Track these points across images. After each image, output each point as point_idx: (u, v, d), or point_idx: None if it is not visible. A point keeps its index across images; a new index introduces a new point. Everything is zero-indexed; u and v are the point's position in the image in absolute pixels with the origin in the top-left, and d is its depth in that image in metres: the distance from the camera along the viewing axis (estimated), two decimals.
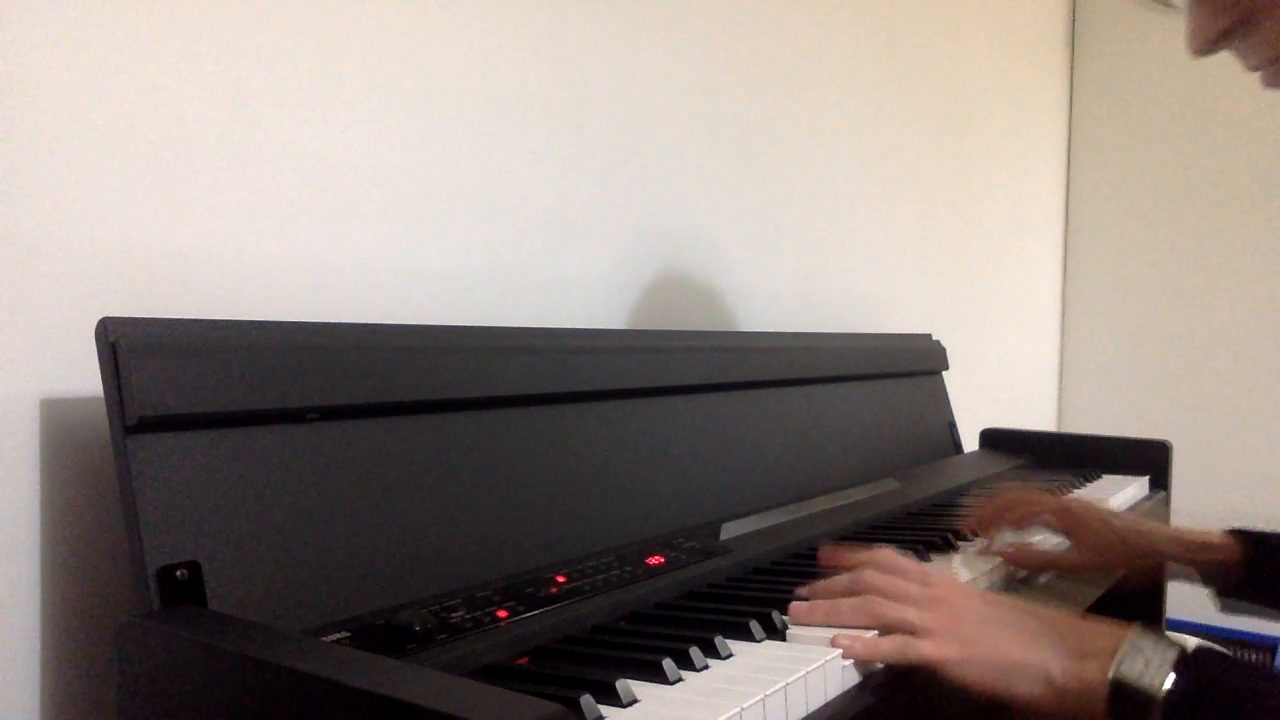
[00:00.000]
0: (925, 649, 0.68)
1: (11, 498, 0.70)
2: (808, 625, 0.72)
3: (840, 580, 0.77)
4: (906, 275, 1.92)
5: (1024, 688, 0.67)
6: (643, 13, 1.25)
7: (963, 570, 0.91)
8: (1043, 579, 0.99)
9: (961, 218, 2.14)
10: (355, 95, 0.92)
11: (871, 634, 0.69)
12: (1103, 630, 0.67)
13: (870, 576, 0.75)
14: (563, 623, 0.71)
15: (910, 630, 0.70)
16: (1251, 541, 0.97)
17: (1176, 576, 1.03)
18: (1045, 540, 1.04)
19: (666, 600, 0.80)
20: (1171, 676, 0.63)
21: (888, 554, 0.80)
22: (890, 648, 0.68)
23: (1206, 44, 0.68)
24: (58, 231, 0.72)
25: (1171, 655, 0.64)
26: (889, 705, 0.67)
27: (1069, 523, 1.02)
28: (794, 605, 0.74)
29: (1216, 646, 0.66)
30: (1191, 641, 0.67)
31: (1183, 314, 2.55)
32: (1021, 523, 1.04)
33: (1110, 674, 0.64)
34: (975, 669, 0.68)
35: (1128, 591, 1.02)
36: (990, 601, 0.73)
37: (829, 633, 0.70)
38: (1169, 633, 0.67)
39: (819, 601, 0.74)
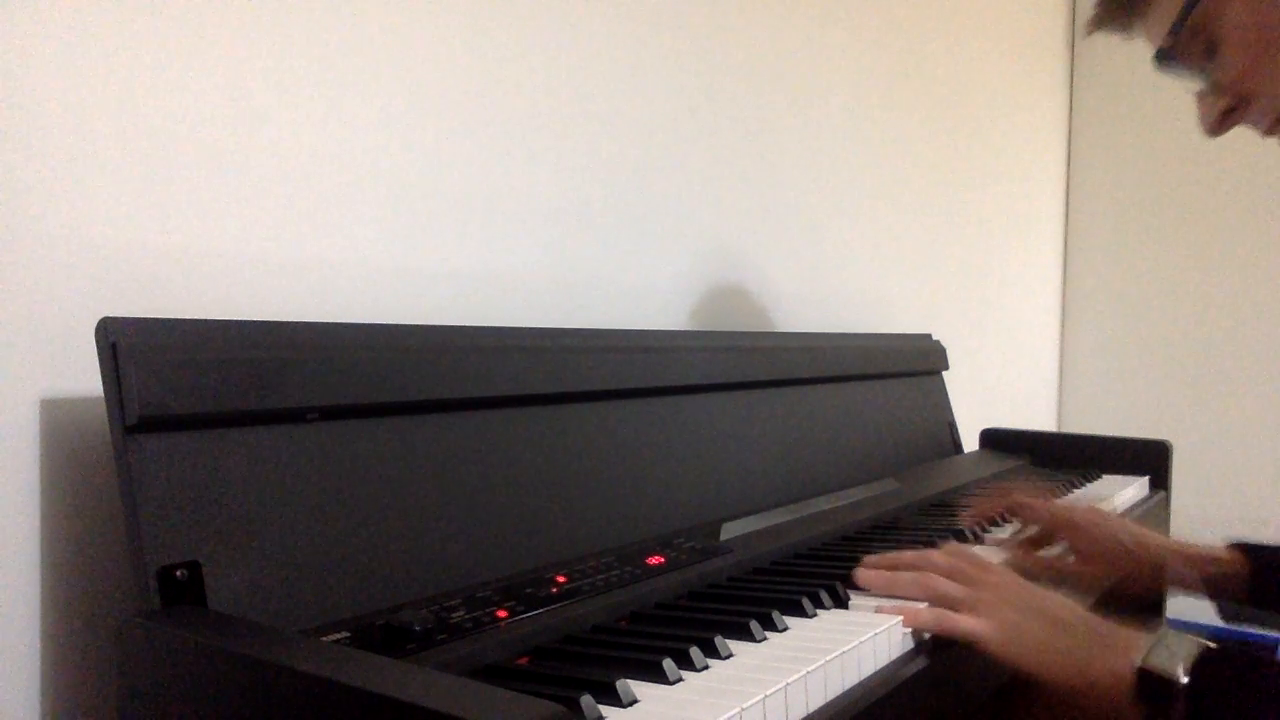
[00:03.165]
0: (965, 623, 0.75)
1: (11, 498, 0.70)
2: (866, 590, 0.80)
3: (906, 555, 0.84)
4: (906, 275, 1.92)
5: (1054, 671, 0.72)
6: (646, 17, 1.25)
7: None
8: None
9: (961, 218, 2.14)
10: (355, 95, 0.92)
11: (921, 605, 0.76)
12: (1135, 631, 0.72)
13: (932, 554, 0.83)
14: (563, 623, 0.71)
15: (956, 606, 0.76)
16: (1255, 554, 0.98)
17: (1177, 590, 1.04)
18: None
19: (666, 600, 0.80)
20: (1194, 664, 0.67)
21: (952, 544, 0.88)
22: (931, 617, 0.75)
23: (1214, 127, 0.82)
24: (58, 231, 0.72)
25: (1195, 649, 0.69)
26: (889, 706, 0.67)
27: (1071, 534, 1.02)
28: (858, 572, 0.82)
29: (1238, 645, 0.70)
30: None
31: (1183, 314, 2.55)
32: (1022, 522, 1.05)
33: (1138, 663, 0.69)
34: (1012, 648, 0.73)
35: (1128, 595, 1.03)
36: (1037, 593, 0.78)
37: (828, 632, 0.70)
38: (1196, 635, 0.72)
39: (881, 571, 0.82)
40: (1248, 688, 0.66)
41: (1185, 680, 0.66)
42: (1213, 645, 0.69)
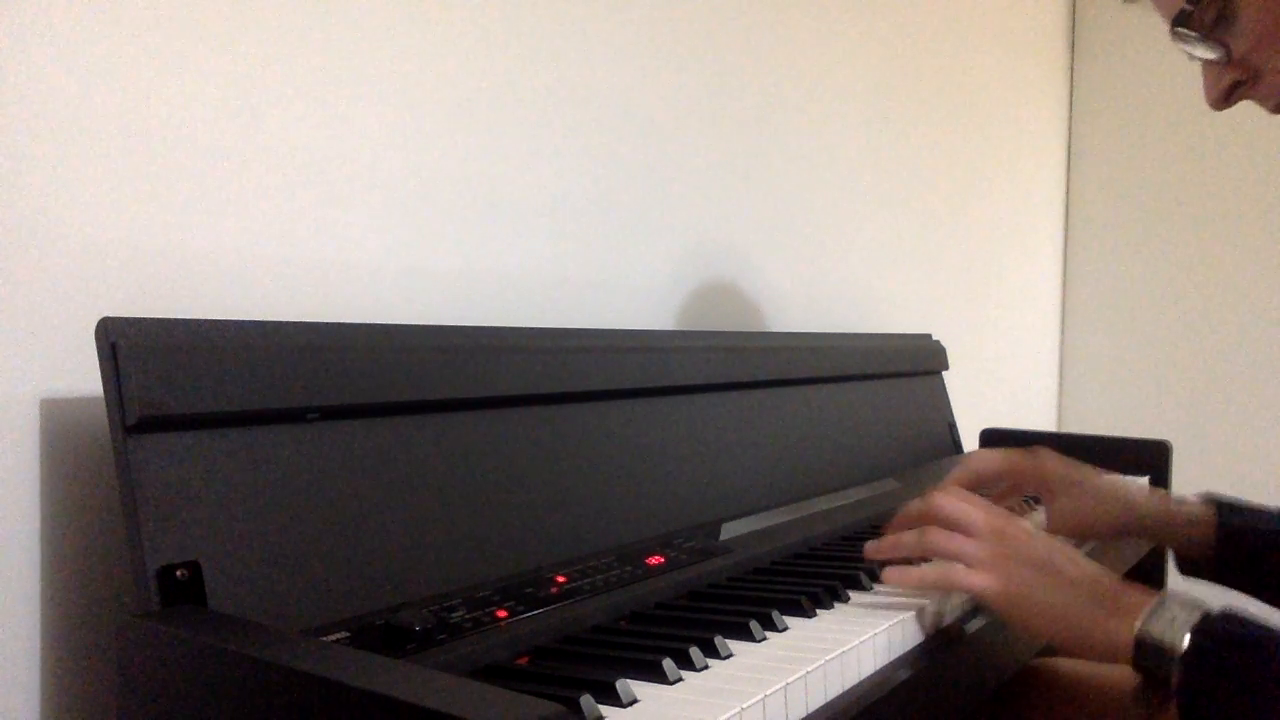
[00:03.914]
0: (969, 579, 0.74)
1: (11, 498, 0.70)
2: (876, 559, 0.80)
3: (913, 505, 0.84)
4: (906, 275, 1.92)
5: (1055, 631, 0.72)
6: (648, 17, 1.25)
7: None
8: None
9: (961, 218, 2.14)
10: (355, 94, 0.92)
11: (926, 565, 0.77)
12: (1137, 592, 0.72)
13: (939, 500, 0.81)
14: (563, 623, 0.71)
15: (963, 560, 0.75)
16: (1224, 514, 0.96)
17: (1146, 536, 1.03)
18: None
19: (666, 600, 0.80)
20: (1189, 635, 0.67)
21: (958, 489, 0.86)
22: (934, 575, 0.75)
23: (1218, 100, 0.80)
24: (58, 231, 0.72)
25: (1194, 617, 0.68)
26: (889, 705, 0.67)
27: (1039, 477, 1.01)
28: (868, 545, 0.82)
29: (1239, 609, 0.69)
30: (1219, 603, 0.71)
31: (1182, 314, 2.55)
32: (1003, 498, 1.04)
33: (1136, 630, 0.68)
34: (1017, 607, 0.73)
35: (1102, 533, 1.02)
36: (1046, 543, 0.76)
37: (828, 631, 0.70)
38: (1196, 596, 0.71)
39: (887, 538, 0.81)
40: (1244, 660, 0.66)
41: (1183, 649, 0.66)
42: (1212, 612, 0.68)
